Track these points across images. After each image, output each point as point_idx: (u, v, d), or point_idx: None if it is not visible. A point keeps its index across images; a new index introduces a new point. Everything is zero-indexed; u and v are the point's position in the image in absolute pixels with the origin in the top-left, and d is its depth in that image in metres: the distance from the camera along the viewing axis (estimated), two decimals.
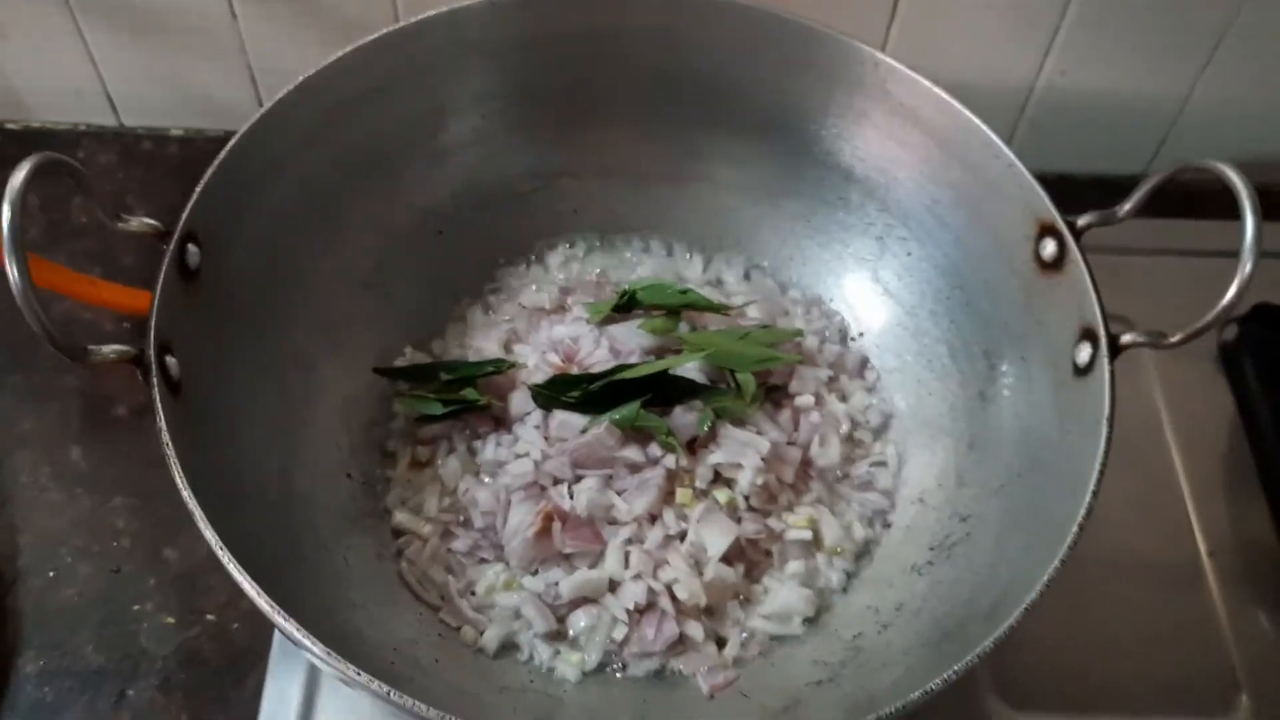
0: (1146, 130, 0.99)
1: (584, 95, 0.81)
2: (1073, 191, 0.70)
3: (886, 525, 0.76)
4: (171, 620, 0.76)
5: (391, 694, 0.52)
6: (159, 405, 0.58)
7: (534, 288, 0.84)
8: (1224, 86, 0.95)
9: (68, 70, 0.96)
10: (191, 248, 0.64)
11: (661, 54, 0.79)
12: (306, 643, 0.53)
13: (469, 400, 0.75)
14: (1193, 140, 0.99)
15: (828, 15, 0.75)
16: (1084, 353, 0.65)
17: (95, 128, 1.02)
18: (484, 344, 0.79)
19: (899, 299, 0.81)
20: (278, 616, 0.53)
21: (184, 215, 0.64)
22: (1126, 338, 0.64)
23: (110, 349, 0.58)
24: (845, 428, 0.77)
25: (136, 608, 0.77)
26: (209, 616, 0.76)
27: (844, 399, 0.79)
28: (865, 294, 0.83)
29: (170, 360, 0.60)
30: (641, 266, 0.86)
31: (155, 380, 0.58)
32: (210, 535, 0.55)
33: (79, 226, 0.95)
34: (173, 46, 0.94)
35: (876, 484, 0.77)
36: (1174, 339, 0.63)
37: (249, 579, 0.54)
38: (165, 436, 0.57)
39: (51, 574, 0.78)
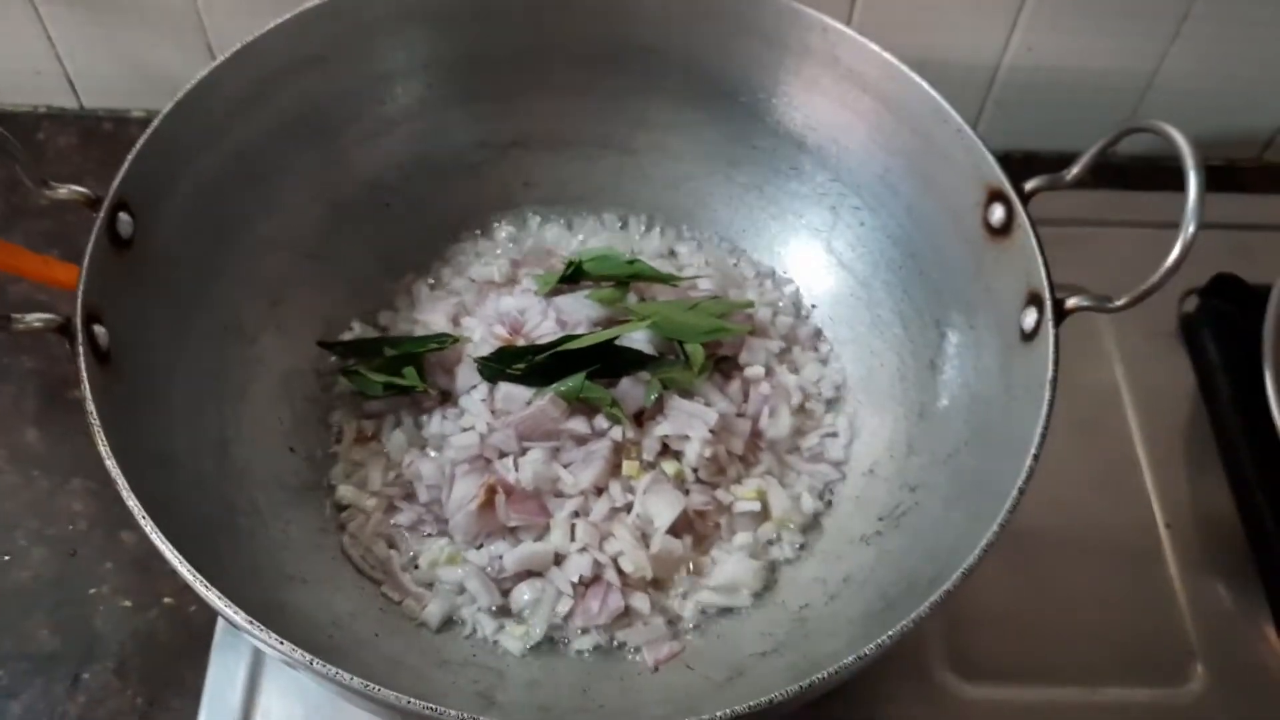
0: (1113, 108, 0.98)
1: (531, 64, 0.80)
2: (1039, 169, 0.68)
3: (835, 497, 0.75)
4: (128, 603, 0.76)
5: (314, 663, 0.52)
6: (83, 372, 0.57)
7: (483, 261, 0.83)
8: (1190, 62, 0.94)
9: (26, 50, 0.95)
10: (124, 216, 0.63)
11: (608, 21, 0.78)
12: (228, 612, 0.52)
13: (408, 385, 0.74)
14: (1159, 117, 0.97)
15: None
16: (1030, 318, 0.64)
17: (56, 110, 1.01)
18: (431, 317, 0.78)
19: (852, 269, 0.80)
20: (199, 584, 0.53)
21: (115, 183, 0.63)
22: (1072, 301, 0.63)
23: (35, 316, 0.58)
24: (796, 399, 0.77)
25: (92, 591, 0.76)
26: (166, 600, 0.76)
27: (796, 370, 0.79)
28: (818, 265, 0.82)
29: (99, 329, 0.60)
30: (594, 239, 0.85)
31: (81, 348, 0.58)
32: (133, 502, 0.54)
33: (38, 209, 0.94)
34: (131, 25, 0.93)
35: (827, 455, 0.76)
36: (1120, 302, 0.62)
37: (171, 547, 0.53)
38: (90, 405, 0.56)
39: (6, 557, 0.77)
